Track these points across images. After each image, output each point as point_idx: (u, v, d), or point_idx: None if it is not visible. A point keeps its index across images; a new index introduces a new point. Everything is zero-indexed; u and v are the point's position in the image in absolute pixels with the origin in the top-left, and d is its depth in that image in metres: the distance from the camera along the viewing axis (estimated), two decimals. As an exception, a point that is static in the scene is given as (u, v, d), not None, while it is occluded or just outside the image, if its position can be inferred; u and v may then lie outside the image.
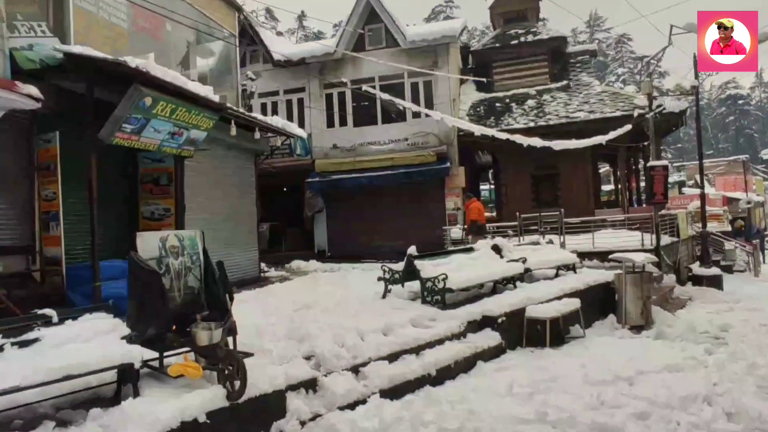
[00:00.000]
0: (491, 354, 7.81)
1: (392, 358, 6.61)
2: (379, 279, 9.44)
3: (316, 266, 16.67)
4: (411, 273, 9.02)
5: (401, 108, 18.05)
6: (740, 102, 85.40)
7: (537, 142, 12.00)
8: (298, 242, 21.66)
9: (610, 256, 10.71)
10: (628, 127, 14.34)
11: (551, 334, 8.68)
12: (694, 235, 20.24)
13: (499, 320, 8.29)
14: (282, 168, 19.67)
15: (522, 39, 21.29)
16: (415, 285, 9.17)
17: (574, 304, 9.33)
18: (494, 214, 26.75)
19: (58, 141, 8.61)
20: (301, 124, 19.20)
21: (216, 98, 10.17)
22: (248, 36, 19.67)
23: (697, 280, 15.94)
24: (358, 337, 6.76)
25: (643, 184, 24.30)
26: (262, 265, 15.94)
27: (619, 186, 25.40)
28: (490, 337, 7.96)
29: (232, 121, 11.12)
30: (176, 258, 5.45)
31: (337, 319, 7.57)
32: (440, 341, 7.40)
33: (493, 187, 37.50)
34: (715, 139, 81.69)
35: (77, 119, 8.51)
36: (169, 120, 9.36)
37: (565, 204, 17.53)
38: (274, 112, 18.63)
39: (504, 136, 12.04)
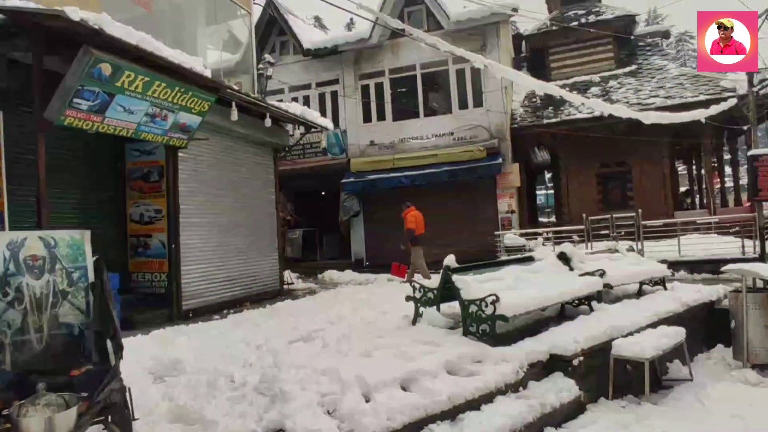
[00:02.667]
0: (565, 414, 5.22)
1: (412, 430, 4.15)
2: (408, 299, 6.99)
3: (350, 277, 14.37)
4: (449, 291, 6.53)
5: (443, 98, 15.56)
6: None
7: (624, 111, 9.28)
8: (336, 250, 19.47)
9: (725, 269, 7.89)
10: (734, 101, 11.40)
11: (649, 379, 6.03)
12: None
13: (575, 361, 5.67)
14: (317, 168, 17.54)
15: (583, 20, 18.48)
16: (454, 305, 6.68)
17: (677, 335, 6.59)
18: (552, 218, 23.92)
19: (2, 123, 6.65)
20: (336, 120, 16.99)
21: (207, 73, 8.02)
22: (278, 26, 17.69)
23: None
24: (361, 394, 4.34)
25: (728, 183, 20.95)
26: (292, 275, 13.84)
27: (701, 185, 22.07)
28: (561, 388, 5.36)
29: (233, 104, 8.95)
30: (38, 276, 3.21)
31: (339, 359, 5.18)
32: (488, 396, 4.88)
33: (549, 192, 34.37)
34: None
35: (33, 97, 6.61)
36: (144, 97, 7.29)
37: (638, 206, 14.61)
38: (306, 106, 16.47)
39: (579, 100, 9.40)
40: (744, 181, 24.19)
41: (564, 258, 8.03)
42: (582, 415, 5.41)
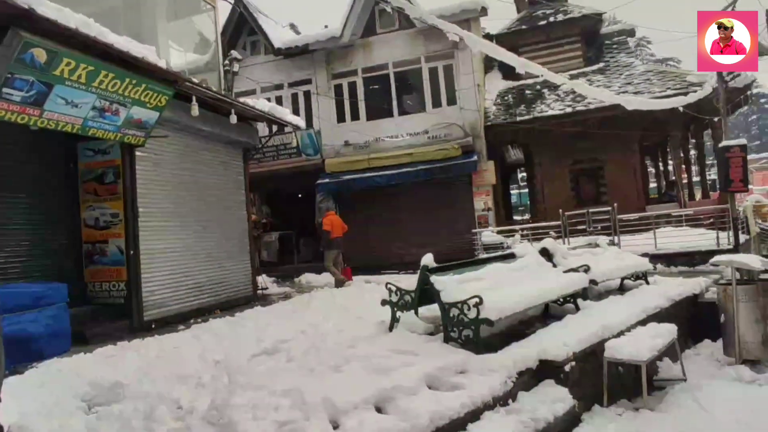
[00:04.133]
0: (560, 428, 4.48)
1: (388, 464, 3.37)
2: (384, 303, 6.19)
3: (327, 280, 13.45)
4: (427, 293, 5.75)
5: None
6: (762, 101, 79.52)
7: (607, 95, 8.66)
8: (313, 252, 18.52)
9: (714, 260, 7.25)
10: (709, 89, 10.86)
11: (641, 380, 5.35)
12: (759, 231, 16.44)
13: (567, 367, 4.94)
14: (292, 170, 16.60)
15: (551, 19, 17.97)
16: (434, 308, 5.91)
17: (670, 333, 5.95)
18: (526, 216, 23.38)
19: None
20: (309, 121, 16.13)
21: (162, 63, 7.13)
22: (248, 25, 16.75)
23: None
24: (327, 420, 3.54)
25: (696, 177, 20.68)
26: (268, 280, 12.92)
27: (668, 178, 21.74)
28: (554, 398, 4.62)
29: (194, 98, 8.07)
30: None
31: (304, 376, 4.38)
32: (475, 413, 4.12)
33: (522, 191, 33.90)
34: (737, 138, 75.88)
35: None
36: (90, 89, 6.37)
37: (611, 201, 14.08)
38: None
39: (559, 79, 8.74)
40: (710, 174, 23.99)
41: (546, 254, 7.33)
42: (577, 428, 4.70)
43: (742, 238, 12.45)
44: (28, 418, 3.76)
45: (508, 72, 18.56)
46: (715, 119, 13.97)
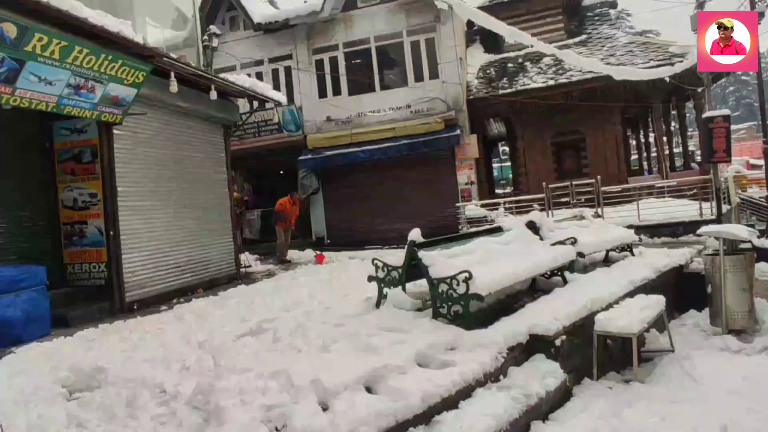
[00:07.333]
0: (552, 403, 4.43)
1: (380, 444, 3.26)
2: (370, 279, 6.05)
3: (311, 257, 13.34)
4: (415, 268, 5.62)
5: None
6: (739, 73, 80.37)
7: (597, 65, 8.50)
8: (296, 229, 18.30)
9: (701, 231, 7.22)
10: (695, 60, 10.71)
11: (630, 353, 5.32)
12: (739, 202, 16.59)
13: (557, 341, 4.88)
14: (273, 147, 16.26)
15: (534, -10, 17.68)
16: (421, 284, 5.78)
17: (658, 304, 5.92)
18: (507, 190, 23.32)
19: None
20: (291, 96, 15.75)
21: (138, 38, 6.80)
22: (227, 1, 16.17)
23: (762, 255, 12.33)
24: (317, 402, 3.42)
25: (677, 148, 20.75)
26: (251, 258, 12.74)
27: (650, 152, 21.80)
28: (545, 373, 4.56)
29: (172, 74, 7.74)
30: None
31: (292, 357, 4.25)
32: (466, 391, 4.03)
33: (503, 164, 33.78)
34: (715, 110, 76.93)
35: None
36: (64, 66, 6.06)
37: (593, 174, 14.05)
38: (259, 84, 15.10)
39: (550, 50, 8.51)
40: (692, 146, 24.09)
41: (533, 227, 7.24)
42: (569, 403, 4.64)
43: (724, 208, 12.51)
44: (4, 406, 3.59)
45: (489, 45, 18.30)
46: (699, 90, 13.89)
